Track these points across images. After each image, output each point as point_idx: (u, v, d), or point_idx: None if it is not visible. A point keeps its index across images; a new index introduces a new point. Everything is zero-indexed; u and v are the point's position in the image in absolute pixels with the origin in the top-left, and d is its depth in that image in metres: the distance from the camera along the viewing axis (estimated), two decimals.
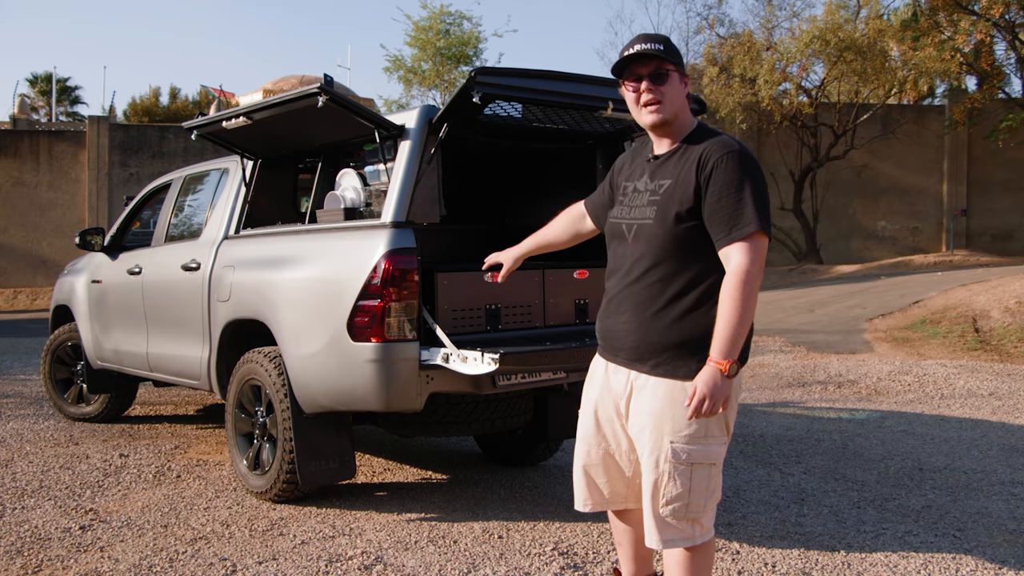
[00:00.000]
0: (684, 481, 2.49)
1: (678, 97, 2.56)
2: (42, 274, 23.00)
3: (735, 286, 2.38)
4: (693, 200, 2.47)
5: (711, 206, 2.45)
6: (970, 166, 25.61)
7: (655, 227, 2.52)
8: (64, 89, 39.41)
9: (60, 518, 4.32)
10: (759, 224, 2.41)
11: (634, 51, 2.54)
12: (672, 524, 2.54)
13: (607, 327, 2.69)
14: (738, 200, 2.42)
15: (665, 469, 2.50)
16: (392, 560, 3.71)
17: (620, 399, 2.65)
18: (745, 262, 2.39)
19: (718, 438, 2.53)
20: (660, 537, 2.55)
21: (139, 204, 6.54)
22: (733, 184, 2.43)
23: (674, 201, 2.50)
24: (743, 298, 2.37)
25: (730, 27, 25.88)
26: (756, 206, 2.41)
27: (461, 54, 24.33)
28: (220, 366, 4.93)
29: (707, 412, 2.38)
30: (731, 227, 2.42)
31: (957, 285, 14.52)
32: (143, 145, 24.13)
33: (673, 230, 2.49)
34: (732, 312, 2.37)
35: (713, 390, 2.36)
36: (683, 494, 2.50)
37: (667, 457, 2.49)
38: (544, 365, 4.05)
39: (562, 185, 5.08)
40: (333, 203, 4.47)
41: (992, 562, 3.70)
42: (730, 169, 2.44)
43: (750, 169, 2.46)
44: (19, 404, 7.49)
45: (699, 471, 2.50)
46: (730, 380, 2.38)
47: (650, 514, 2.55)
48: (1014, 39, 21.62)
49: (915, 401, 7.52)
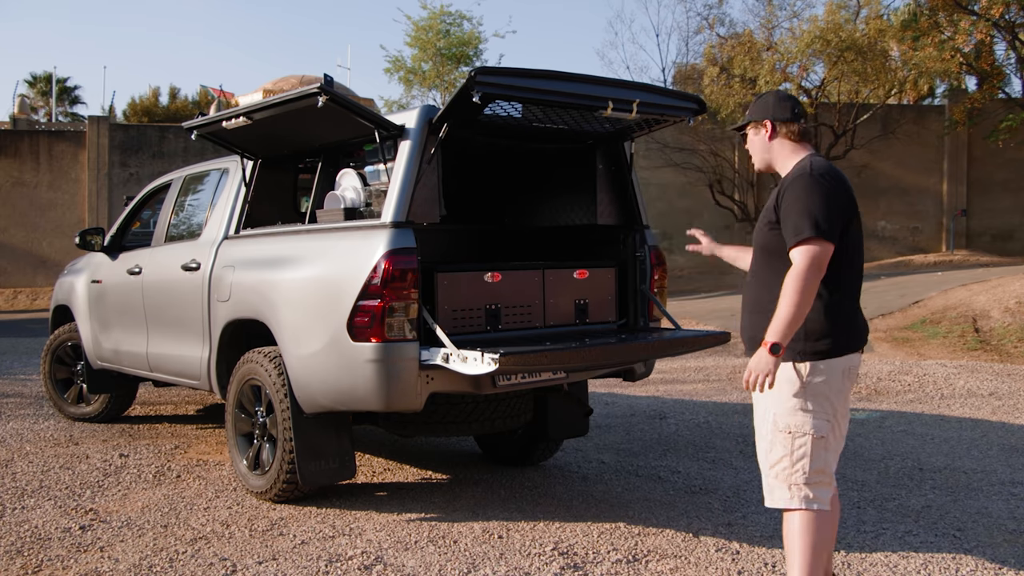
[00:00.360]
0: (786, 446, 2.94)
1: (760, 146, 3.17)
2: (42, 274, 22.97)
3: (789, 281, 2.85)
4: (775, 213, 3.01)
5: (782, 220, 2.96)
6: (970, 166, 25.58)
7: (757, 237, 3.12)
8: (64, 89, 39.38)
9: (60, 518, 4.33)
10: (812, 231, 2.87)
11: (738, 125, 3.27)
12: (778, 484, 2.97)
13: (740, 323, 3.23)
14: (798, 213, 2.90)
15: (773, 436, 2.97)
16: (392, 560, 3.71)
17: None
18: (799, 262, 2.85)
19: (814, 412, 2.94)
20: (769, 495, 3.01)
21: (139, 204, 6.54)
22: (794, 201, 2.93)
23: (765, 216, 3.06)
24: (793, 291, 2.82)
25: (730, 27, 25.85)
26: (812, 218, 2.87)
27: (461, 54, 24.31)
28: (220, 366, 4.93)
29: (754, 384, 2.85)
30: (793, 235, 2.90)
31: (957, 285, 14.52)
32: (143, 145, 24.11)
33: (764, 238, 3.05)
34: (783, 303, 2.83)
35: (756, 365, 2.84)
36: (787, 457, 2.94)
37: (772, 426, 2.97)
38: (544, 365, 4.05)
39: (562, 185, 5.08)
40: (333, 203, 4.47)
41: (992, 562, 3.70)
42: (794, 189, 2.95)
43: (812, 188, 2.93)
44: (19, 404, 7.49)
45: (798, 440, 2.93)
46: (773, 357, 2.81)
47: (764, 473, 3.04)
48: (1014, 39, 21.61)
49: (915, 401, 7.52)
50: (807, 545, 2.95)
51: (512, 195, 5.43)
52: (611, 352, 4.36)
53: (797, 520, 2.96)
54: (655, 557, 3.74)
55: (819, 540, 2.96)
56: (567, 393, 4.80)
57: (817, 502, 2.94)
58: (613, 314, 4.73)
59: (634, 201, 4.84)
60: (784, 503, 2.97)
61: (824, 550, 3.00)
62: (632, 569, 3.62)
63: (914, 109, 26.80)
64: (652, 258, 4.76)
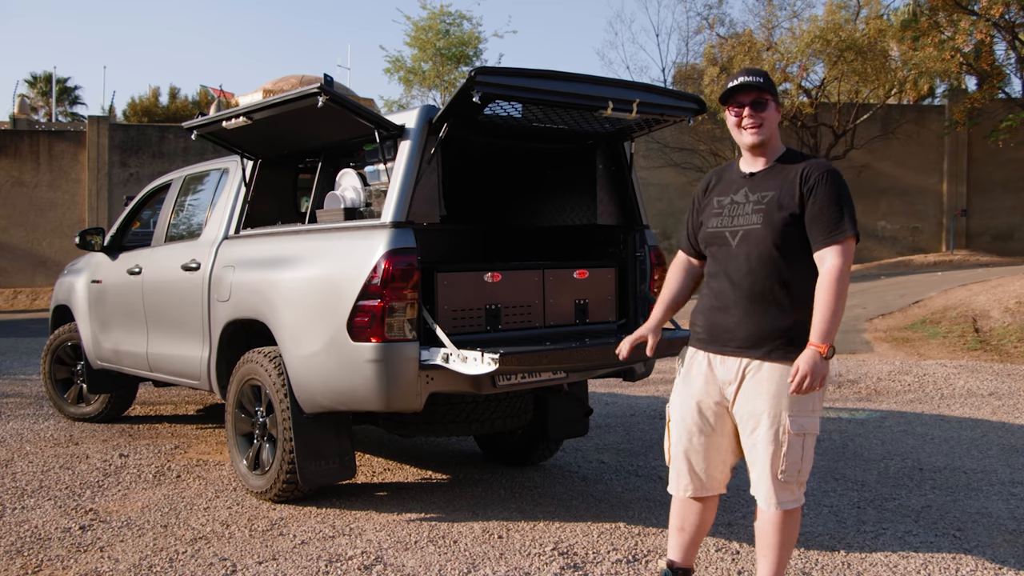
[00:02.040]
0: (798, 449, 2.91)
1: (773, 122, 3.02)
2: (42, 274, 22.97)
3: (831, 281, 2.80)
4: (798, 207, 2.89)
5: (813, 215, 2.87)
6: (970, 166, 25.58)
7: (762, 230, 2.92)
8: (64, 89, 39.38)
9: (60, 518, 4.33)
10: (853, 231, 2.85)
11: (739, 82, 3.01)
12: (786, 488, 2.93)
13: (715, 322, 3.03)
14: (837, 210, 2.85)
15: (784, 440, 2.89)
16: (392, 560, 3.71)
17: (728, 386, 3.00)
18: (840, 262, 2.81)
19: (819, 412, 2.97)
20: (777, 500, 2.94)
21: (139, 204, 6.54)
22: (832, 197, 2.86)
23: (779, 208, 2.91)
24: (837, 292, 2.80)
25: (730, 27, 25.86)
26: (850, 216, 2.85)
27: (461, 54, 24.31)
28: (220, 366, 4.93)
29: (807, 388, 2.78)
30: (830, 232, 2.84)
31: (957, 285, 14.52)
32: (143, 145, 24.11)
33: (778, 232, 2.89)
34: (828, 303, 2.79)
35: (814, 368, 2.77)
36: (796, 461, 2.91)
37: (786, 429, 2.89)
38: (544, 365, 4.05)
39: (562, 185, 5.08)
40: (333, 203, 4.47)
41: (992, 562, 3.70)
42: (830, 184, 2.87)
43: (844, 185, 2.90)
44: (19, 404, 7.49)
45: (808, 440, 2.93)
46: (827, 361, 2.80)
47: (769, 480, 2.93)
48: (1014, 39, 21.61)
49: (915, 401, 7.52)
50: (795, 534, 3.03)
51: (512, 195, 5.43)
52: (611, 352, 4.34)
53: (793, 517, 2.98)
54: (655, 557, 3.74)
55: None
56: (567, 393, 4.80)
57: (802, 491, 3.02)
58: (613, 314, 4.73)
59: (634, 201, 4.84)
60: (792, 504, 2.96)
61: None
62: (632, 569, 3.62)
63: (914, 109, 26.79)
64: (652, 258, 4.76)
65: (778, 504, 2.95)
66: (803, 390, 2.78)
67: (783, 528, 2.97)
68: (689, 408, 3.08)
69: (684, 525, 3.18)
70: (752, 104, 2.99)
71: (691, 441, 3.08)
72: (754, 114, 2.98)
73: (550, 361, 4.03)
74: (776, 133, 3.05)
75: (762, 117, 2.98)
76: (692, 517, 3.16)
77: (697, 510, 3.16)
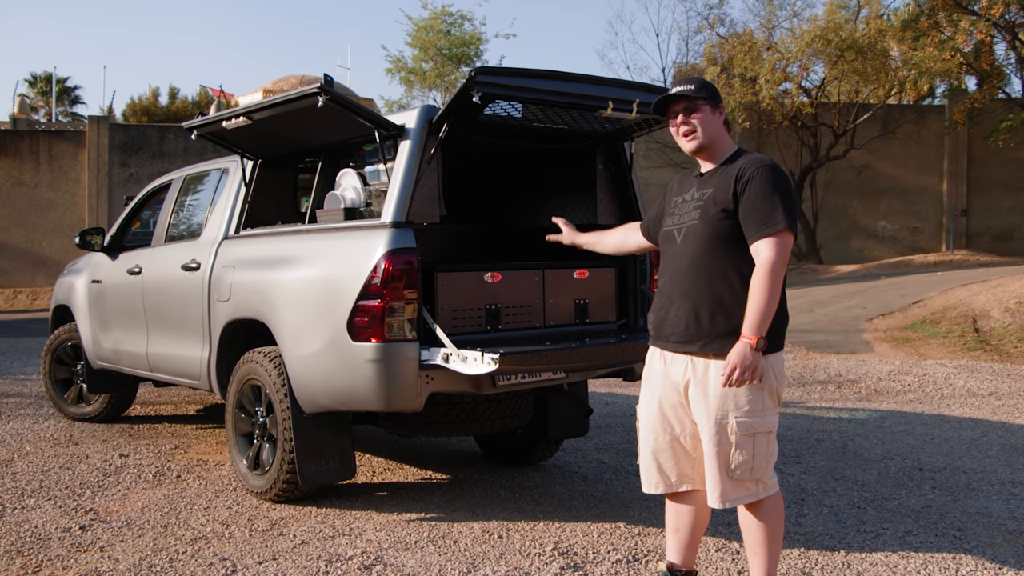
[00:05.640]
0: (748, 448, 2.89)
1: (711, 125, 3.02)
2: (42, 274, 22.98)
3: (764, 273, 2.80)
4: (732, 203, 2.91)
5: (746, 209, 2.88)
6: (970, 166, 25.59)
7: (699, 226, 2.97)
8: (64, 89, 39.38)
9: (60, 518, 4.32)
10: (787, 223, 2.84)
11: (670, 93, 3.06)
12: (740, 485, 2.92)
13: (660, 318, 3.08)
14: (770, 203, 2.85)
15: (733, 440, 2.89)
16: (392, 560, 3.71)
17: (680, 385, 3.02)
18: (773, 254, 2.81)
19: (772, 409, 2.94)
20: (725, 497, 2.92)
21: (139, 204, 6.54)
22: (765, 191, 2.87)
23: (714, 203, 2.95)
24: (770, 284, 2.79)
25: (730, 27, 25.90)
26: (783, 208, 2.84)
27: (462, 55, 24.34)
28: (220, 366, 4.93)
29: (738, 381, 2.78)
30: (761, 225, 2.84)
31: (957, 285, 14.51)
32: (143, 145, 24.11)
33: (714, 227, 2.93)
34: (760, 295, 2.78)
35: (743, 360, 2.76)
36: (748, 459, 2.90)
37: (733, 430, 2.89)
38: (544, 365, 4.05)
39: (562, 185, 5.08)
40: (333, 203, 4.47)
41: (992, 562, 3.70)
42: (764, 178, 2.88)
43: (781, 180, 2.91)
44: (19, 404, 7.49)
45: (760, 439, 2.91)
46: (759, 353, 2.77)
47: (718, 478, 2.93)
48: (1014, 39, 21.62)
49: (915, 401, 7.52)
50: (780, 525, 3.01)
51: (512, 195, 5.43)
52: (611, 352, 4.36)
53: (772, 510, 2.98)
54: (655, 557, 3.74)
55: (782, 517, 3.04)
56: (567, 393, 4.80)
57: (775, 479, 2.99)
58: (613, 314, 4.74)
59: (634, 201, 4.84)
60: (751, 499, 2.95)
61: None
62: (632, 569, 3.62)
63: (914, 109, 26.81)
64: (652, 258, 4.76)
65: (725, 501, 2.93)
66: (735, 383, 2.78)
67: (764, 523, 2.97)
68: (652, 408, 3.12)
69: (678, 526, 3.20)
70: (684, 111, 3.03)
71: (656, 440, 3.11)
72: (687, 120, 3.03)
73: (550, 361, 4.03)
74: (720, 135, 3.05)
75: (694, 123, 3.02)
76: (685, 517, 3.18)
77: (689, 510, 3.17)
